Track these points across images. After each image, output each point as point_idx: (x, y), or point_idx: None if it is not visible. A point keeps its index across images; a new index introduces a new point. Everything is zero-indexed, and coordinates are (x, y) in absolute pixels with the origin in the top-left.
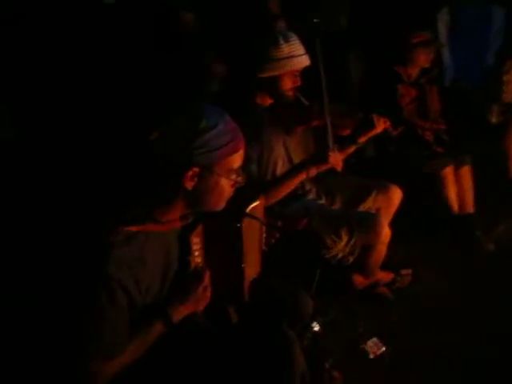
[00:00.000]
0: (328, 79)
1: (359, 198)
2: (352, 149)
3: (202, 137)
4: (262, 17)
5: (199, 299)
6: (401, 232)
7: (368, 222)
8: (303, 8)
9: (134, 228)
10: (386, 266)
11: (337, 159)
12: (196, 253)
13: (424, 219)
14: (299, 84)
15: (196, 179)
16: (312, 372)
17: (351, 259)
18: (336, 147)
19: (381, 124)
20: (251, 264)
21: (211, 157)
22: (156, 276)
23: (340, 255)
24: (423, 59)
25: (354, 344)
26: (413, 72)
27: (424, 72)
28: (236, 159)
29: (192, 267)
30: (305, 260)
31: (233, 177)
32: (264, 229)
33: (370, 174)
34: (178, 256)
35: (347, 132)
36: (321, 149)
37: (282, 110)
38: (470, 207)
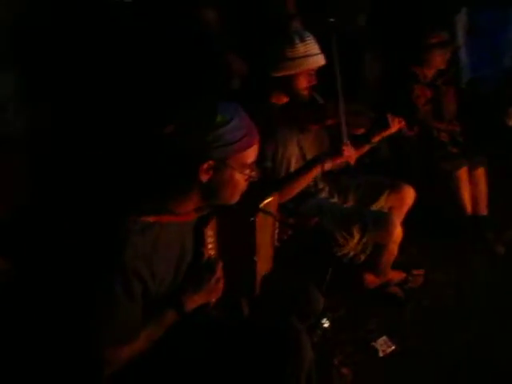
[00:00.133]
0: (343, 78)
1: (372, 197)
2: (366, 148)
3: (217, 131)
4: (278, 17)
5: (211, 290)
6: (413, 232)
7: (380, 221)
8: (319, 8)
9: (150, 219)
10: (398, 266)
11: (350, 152)
12: (209, 245)
13: (437, 220)
14: (314, 83)
15: (211, 172)
16: (321, 368)
17: (363, 257)
18: (350, 140)
19: (395, 124)
20: (263, 259)
21: (226, 151)
22: (170, 266)
23: (352, 253)
24: (439, 60)
25: (364, 342)
26: (429, 73)
27: (440, 73)
28: (250, 154)
29: (205, 259)
30: (317, 257)
31: (247, 171)
32: (277, 225)
33: (384, 174)
34: (192, 248)
35: (361, 131)
36: (335, 142)
37: (297, 109)
38: (483, 209)
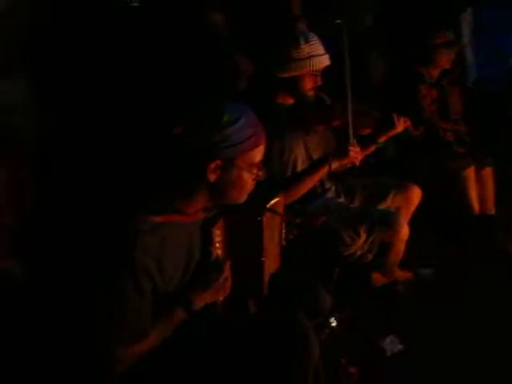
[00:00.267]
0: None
1: (378, 197)
2: (372, 148)
3: (225, 131)
4: (284, 18)
5: (219, 289)
6: (421, 231)
7: (387, 220)
8: (325, 9)
9: (159, 218)
10: (405, 265)
11: (356, 153)
12: (217, 244)
13: (444, 219)
14: (320, 84)
15: (219, 172)
16: (328, 367)
17: (370, 257)
18: (356, 141)
19: (401, 124)
20: (271, 258)
21: (233, 150)
22: (178, 265)
23: (358, 253)
24: (445, 60)
25: (371, 341)
26: (434, 72)
27: (446, 73)
28: (257, 153)
29: (213, 258)
30: (323, 257)
31: (254, 170)
32: (284, 224)
33: (391, 174)
34: (200, 247)
35: (367, 131)
36: (341, 143)
37: (303, 110)
38: (491, 208)
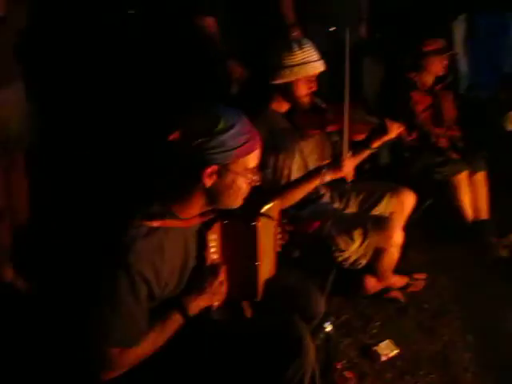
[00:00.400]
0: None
1: (372, 202)
2: (366, 153)
3: (220, 137)
4: (277, 26)
5: (215, 293)
6: (415, 237)
7: (381, 225)
8: (320, 17)
9: (155, 223)
10: (400, 271)
11: (350, 168)
12: (212, 249)
13: (438, 225)
14: (315, 89)
15: (214, 177)
16: (324, 372)
17: (364, 262)
18: (350, 155)
19: (394, 130)
20: (266, 263)
21: (228, 156)
22: (174, 270)
23: (353, 258)
24: (437, 67)
25: (367, 346)
26: (427, 79)
27: (439, 79)
28: (252, 159)
29: (208, 263)
30: (318, 262)
31: (249, 176)
32: (279, 229)
33: (385, 179)
34: (196, 252)
35: (362, 137)
36: (336, 156)
37: (298, 116)
38: (485, 213)
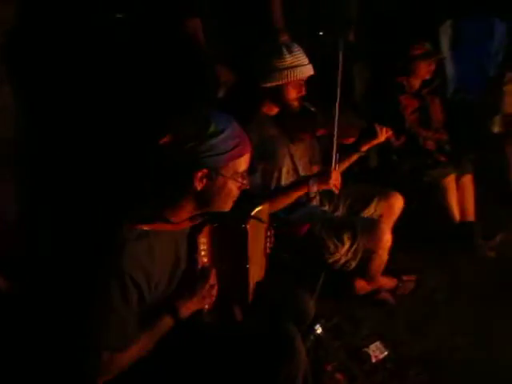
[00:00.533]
0: (332, 88)
1: (361, 205)
2: (355, 157)
3: (211, 141)
4: (266, 30)
5: (205, 297)
6: (404, 239)
7: (370, 228)
8: (308, 22)
9: (145, 227)
10: (389, 273)
11: (337, 182)
12: (203, 252)
13: (426, 227)
14: (304, 93)
15: (205, 180)
16: (314, 374)
17: (353, 264)
18: (338, 167)
19: (383, 133)
20: (256, 266)
21: (219, 160)
22: (164, 273)
23: (342, 260)
24: (424, 70)
25: (357, 347)
26: (415, 83)
27: (426, 83)
28: (242, 163)
29: (199, 266)
30: (308, 265)
31: (239, 179)
32: (268, 233)
33: (373, 183)
34: (186, 255)
35: (351, 140)
36: (325, 168)
37: (288, 119)
38: (471, 215)
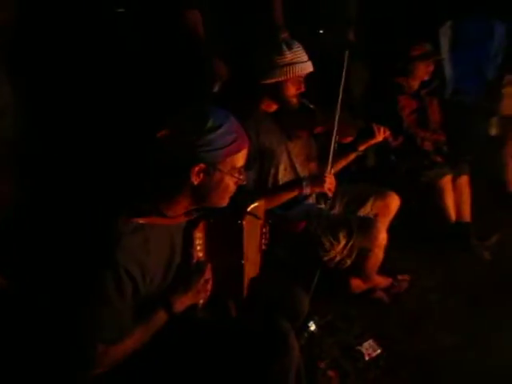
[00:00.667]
0: (331, 88)
1: (358, 204)
2: (352, 156)
3: (209, 135)
4: (266, 27)
5: (200, 291)
6: (399, 239)
7: (366, 226)
8: (308, 20)
9: (141, 220)
10: (384, 272)
11: (331, 185)
12: (198, 247)
13: (422, 227)
14: (303, 90)
15: (202, 175)
16: (307, 371)
17: (349, 262)
18: (333, 170)
19: (381, 133)
20: (251, 262)
21: (216, 155)
22: (160, 267)
23: (338, 258)
24: (422, 71)
25: (350, 345)
26: (414, 83)
27: (425, 84)
28: (239, 158)
29: (194, 260)
30: (304, 262)
31: (236, 175)
32: (264, 229)
33: (371, 182)
34: (182, 249)
35: (349, 140)
36: (319, 172)
37: (286, 116)
38: (467, 216)
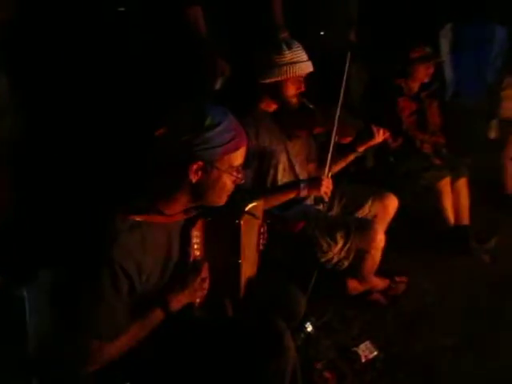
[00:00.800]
0: (331, 88)
1: (356, 205)
2: (351, 157)
3: (207, 133)
4: (266, 26)
5: (196, 290)
6: (397, 241)
7: (363, 228)
8: (309, 21)
9: (138, 218)
10: (381, 273)
11: (328, 189)
12: (195, 245)
13: (420, 229)
14: (303, 90)
15: (200, 173)
16: (303, 372)
17: (346, 263)
18: (330, 174)
19: (380, 135)
20: (248, 261)
21: (214, 153)
22: (156, 265)
23: (335, 259)
24: (422, 73)
25: (347, 347)
26: (413, 85)
27: (425, 86)
28: (237, 156)
29: (191, 259)
30: (301, 263)
31: (234, 173)
32: (262, 229)
33: (369, 183)
34: (179, 248)
35: (348, 140)
36: (318, 173)
37: (286, 116)
38: (466, 218)
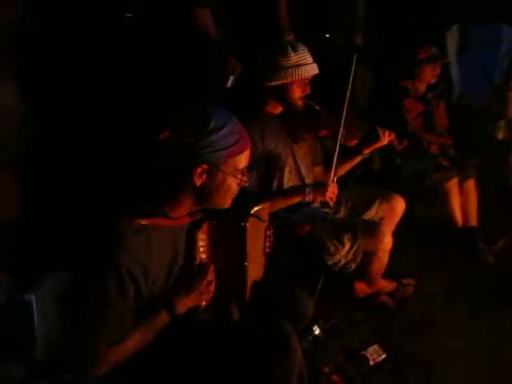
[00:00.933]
0: (336, 90)
1: (363, 207)
2: (357, 159)
3: (211, 136)
4: (271, 30)
5: (202, 293)
6: (405, 242)
7: (371, 230)
8: (315, 23)
9: (144, 221)
10: (389, 276)
11: (333, 194)
12: (201, 249)
13: (427, 230)
14: (308, 92)
15: (205, 176)
16: (310, 375)
17: (353, 266)
18: (335, 179)
19: (386, 137)
20: (254, 264)
21: (218, 156)
22: (162, 268)
23: (342, 262)
24: (429, 74)
25: (355, 350)
26: (420, 87)
27: (431, 87)
28: (242, 159)
29: (197, 262)
30: (308, 265)
31: (239, 176)
32: (268, 232)
33: (376, 185)
34: (185, 251)
35: (354, 143)
36: (324, 177)
37: (292, 119)
38: (474, 220)
